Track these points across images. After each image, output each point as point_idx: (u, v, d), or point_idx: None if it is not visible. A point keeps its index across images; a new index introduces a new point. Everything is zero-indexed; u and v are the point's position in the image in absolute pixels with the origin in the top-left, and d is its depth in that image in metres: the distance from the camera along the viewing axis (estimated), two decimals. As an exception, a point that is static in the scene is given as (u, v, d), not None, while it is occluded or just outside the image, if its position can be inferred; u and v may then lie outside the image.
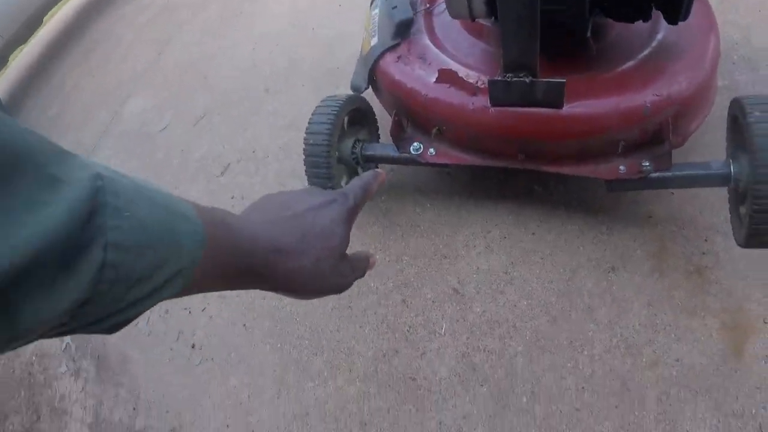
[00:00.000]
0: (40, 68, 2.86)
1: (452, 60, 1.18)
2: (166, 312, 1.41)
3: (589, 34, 1.02)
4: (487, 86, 0.99)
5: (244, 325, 1.31)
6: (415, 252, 1.30)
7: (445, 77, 1.14)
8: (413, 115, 1.22)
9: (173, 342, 1.36)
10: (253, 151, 1.72)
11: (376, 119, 1.39)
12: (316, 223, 0.42)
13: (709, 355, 1.01)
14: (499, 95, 0.97)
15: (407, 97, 1.18)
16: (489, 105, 1.02)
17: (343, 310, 1.26)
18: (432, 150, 1.18)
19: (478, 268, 1.23)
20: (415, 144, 1.19)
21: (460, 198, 1.35)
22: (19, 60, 3.02)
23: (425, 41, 1.24)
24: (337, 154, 1.22)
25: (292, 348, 1.25)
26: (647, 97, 0.99)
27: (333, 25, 2.03)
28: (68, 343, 1.47)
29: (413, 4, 1.32)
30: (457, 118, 1.11)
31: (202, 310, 1.38)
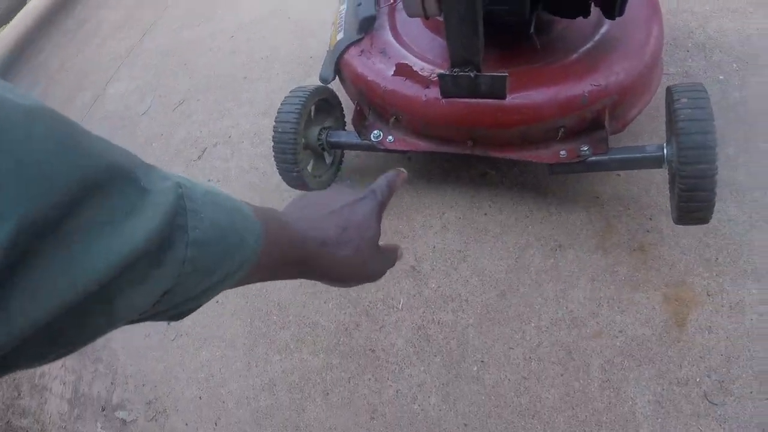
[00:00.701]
0: (24, 48, 2.87)
1: (411, 54, 1.23)
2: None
3: (532, 30, 1.06)
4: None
5: (217, 301, 1.36)
6: (376, 232, 1.35)
7: (402, 71, 1.19)
8: (373, 105, 1.27)
9: (150, 319, 1.42)
10: (229, 137, 1.77)
11: (342, 108, 1.44)
12: (352, 218, 0.46)
13: (653, 327, 1.03)
14: (448, 88, 1.02)
15: (368, 89, 1.23)
16: (440, 97, 1.07)
17: (308, 287, 1.31)
18: (390, 137, 1.24)
19: (434, 247, 1.28)
20: (375, 132, 1.25)
21: (420, 181, 1.39)
22: (2, 39, 3.04)
23: (387, 36, 1.29)
24: (303, 141, 1.28)
25: (261, 323, 1.31)
26: (585, 87, 1.03)
27: (311, 15, 2.05)
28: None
29: (377, 1, 1.36)
30: (412, 109, 1.16)
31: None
